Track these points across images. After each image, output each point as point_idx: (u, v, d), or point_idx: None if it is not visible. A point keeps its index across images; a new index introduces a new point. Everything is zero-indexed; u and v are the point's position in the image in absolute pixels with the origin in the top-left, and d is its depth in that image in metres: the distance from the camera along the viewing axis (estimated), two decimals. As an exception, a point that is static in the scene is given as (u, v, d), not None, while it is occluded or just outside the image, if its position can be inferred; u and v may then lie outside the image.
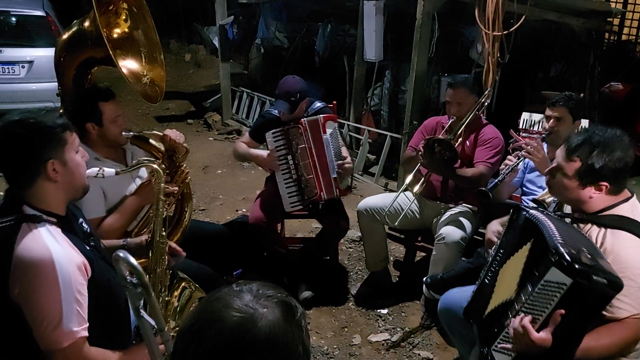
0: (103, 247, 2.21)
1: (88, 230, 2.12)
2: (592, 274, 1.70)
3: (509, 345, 1.95)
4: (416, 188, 3.67)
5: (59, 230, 1.88)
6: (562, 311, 1.77)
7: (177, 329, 2.20)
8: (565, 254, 1.73)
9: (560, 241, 1.81)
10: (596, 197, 2.15)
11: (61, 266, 1.76)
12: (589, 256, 1.78)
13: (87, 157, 2.07)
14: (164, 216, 2.47)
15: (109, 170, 2.32)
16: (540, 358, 1.85)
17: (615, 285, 1.73)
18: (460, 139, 3.64)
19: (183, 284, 2.40)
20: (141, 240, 2.50)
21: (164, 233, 2.44)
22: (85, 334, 1.84)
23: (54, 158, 1.88)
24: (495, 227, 2.99)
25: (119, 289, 2.07)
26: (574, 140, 2.19)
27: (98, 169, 2.28)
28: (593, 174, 2.11)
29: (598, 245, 2.04)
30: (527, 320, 1.84)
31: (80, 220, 2.12)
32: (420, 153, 3.51)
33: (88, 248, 1.99)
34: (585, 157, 2.12)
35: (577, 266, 1.70)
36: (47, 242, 1.79)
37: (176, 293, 2.39)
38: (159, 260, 2.38)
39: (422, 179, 3.70)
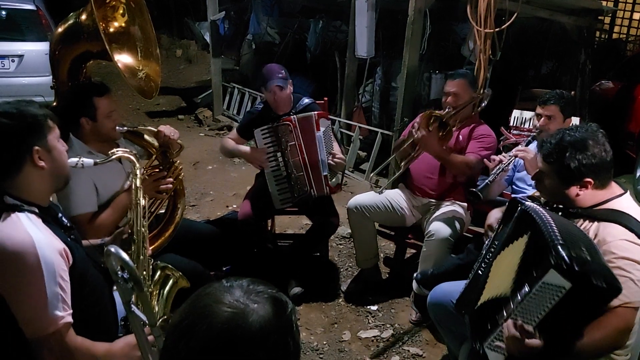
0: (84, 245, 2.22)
1: (68, 225, 2.12)
2: (591, 277, 1.69)
3: (502, 345, 1.96)
4: (404, 162, 3.69)
5: (40, 220, 1.89)
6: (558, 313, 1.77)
7: (164, 317, 2.19)
8: (565, 256, 1.71)
9: (560, 239, 1.78)
10: (583, 194, 2.17)
11: (43, 251, 1.78)
12: (588, 257, 1.76)
13: (66, 147, 2.09)
14: (142, 204, 2.46)
15: (88, 161, 2.34)
16: (534, 358, 1.85)
17: (613, 288, 1.74)
18: (454, 128, 3.64)
19: (166, 272, 2.39)
20: (119, 234, 2.49)
21: (144, 222, 2.44)
22: (70, 319, 1.85)
23: (39, 145, 1.91)
24: (497, 214, 2.98)
25: (101, 280, 2.10)
26: (546, 145, 2.25)
27: (77, 158, 2.30)
28: (572, 173, 2.15)
29: (591, 236, 2.06)
30: (521, 325, 1.85)
31: (60, 215, 2.12)
32: (415, 128, 3.51)
33: (69, 239, 1.99)
34: (560, 159, 2.17)
35: (576, 268, 1.69)
36: (28, 228, 1.80)
37: (160, 282, 2.38)
38: (140, 249, 2.38)
39: (411, 155, 3.70)
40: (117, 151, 2.50)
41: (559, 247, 1.75)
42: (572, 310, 1.77)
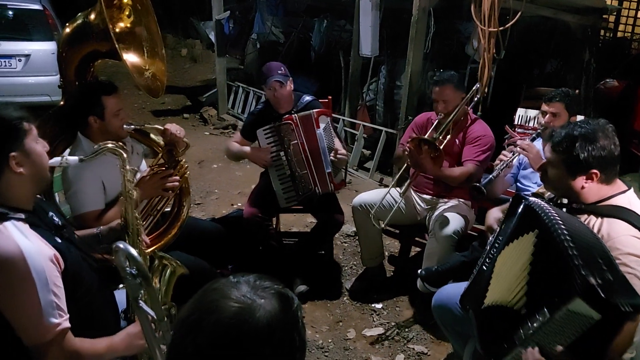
0: (77, 238, 2.21)
1: (60, 223, 2.10)
2: (620, 305, 1.63)
3: None
4: (404, 188, 3.69)
5: (27, 226, 1.85)
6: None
7: (165, 306, 2.20)
8: (593, 285, 1.64)
9: (578, 257, 1.72)
10: (589, 187, 2.18)
11: (33, 260, 1.75)
12: (609, 276, 1.70)
13: (47, 148, 2.03)
14: (134, 197, 2.43)
15: (72, 158, 2.30)
16: None
17: (638, 308, 1.68)
18: (448, 137, 3.63)
19: (163, 261, 2.40)
20: (114, 225, 2.49)
21: (137, 214, 2.43)
22: (67, 325, 1.84)
23: (15, 150, 1.85)
24: (496, 214, 2.98)
25: (96, 279, 2.10)
26: (557, 134, 2.25)
27: (60, 157, 2.27)
28: (580, 164, 2.15)
29: (595, 232, 2.06)
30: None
31: (51, 214, 2.10)
32: (406, 153, 3.51)
33: (60, 240, 1.97)
34: (569, 149, 2.17)
35: (604, 296, 1.63)
36: (16, 238, 1.77)
37: (158, 271, 2.39)
38: (135, 241, 2.37)
39: (409, 179, 3.70)
40: (104, 144, 2.42)
41: (582, 270, 1.68)
42: (596, 333, 1.73)
